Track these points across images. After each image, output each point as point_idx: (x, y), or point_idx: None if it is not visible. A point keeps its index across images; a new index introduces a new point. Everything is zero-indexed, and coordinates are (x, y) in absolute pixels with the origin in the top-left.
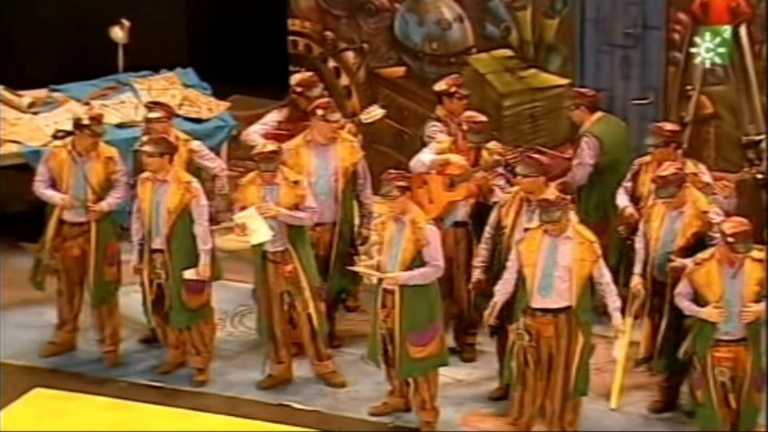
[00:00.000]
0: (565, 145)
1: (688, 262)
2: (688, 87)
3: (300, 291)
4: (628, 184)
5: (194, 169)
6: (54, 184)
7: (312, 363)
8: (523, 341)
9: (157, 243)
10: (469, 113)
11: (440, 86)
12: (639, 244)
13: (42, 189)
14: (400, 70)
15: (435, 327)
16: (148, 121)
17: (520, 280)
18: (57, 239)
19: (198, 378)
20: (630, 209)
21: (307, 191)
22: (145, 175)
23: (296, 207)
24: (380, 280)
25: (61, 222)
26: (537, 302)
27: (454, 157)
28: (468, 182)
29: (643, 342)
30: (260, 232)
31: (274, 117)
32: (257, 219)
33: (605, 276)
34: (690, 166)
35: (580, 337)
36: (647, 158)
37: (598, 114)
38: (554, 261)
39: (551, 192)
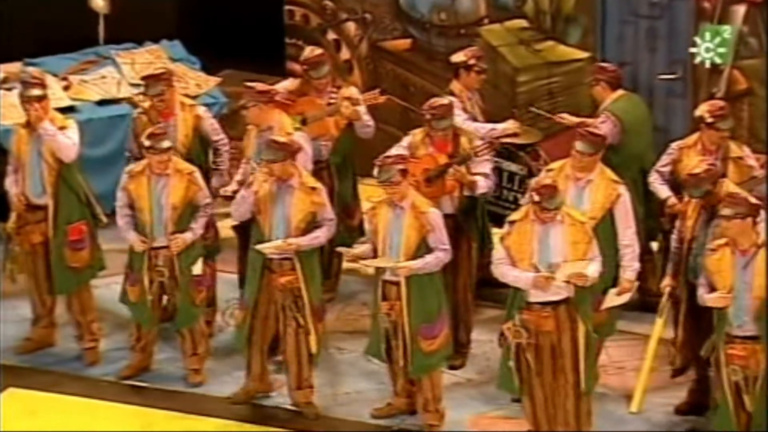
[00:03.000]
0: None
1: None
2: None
3: (299, 308)
4: (665, 169)
5: (200, 137)
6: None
7: (289, 388)
8: (522, 339)
9: (160, 241)
10: (430, 101)
11: (458, 57)
12: (674, 243)
13: (8, 178)
14: (405, 43)
15: (443, 318)
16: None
17: None
18: (20, 221)
19: (194, 379)
20: (673, 199)
21: (326, 199)
22: (137, 168)
23: (312, 216)
24: (378, 270)
25: (27, 204)
26: (535, 296)
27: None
28: (443, 177)
29: (677, 349)
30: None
31: (284, 85)
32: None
33: (598, 257)
34: (734, 149)
35: (581, 327)
36: (690, 140)
37: (620, 92)
38: (548, 249)
39: (607, 176)
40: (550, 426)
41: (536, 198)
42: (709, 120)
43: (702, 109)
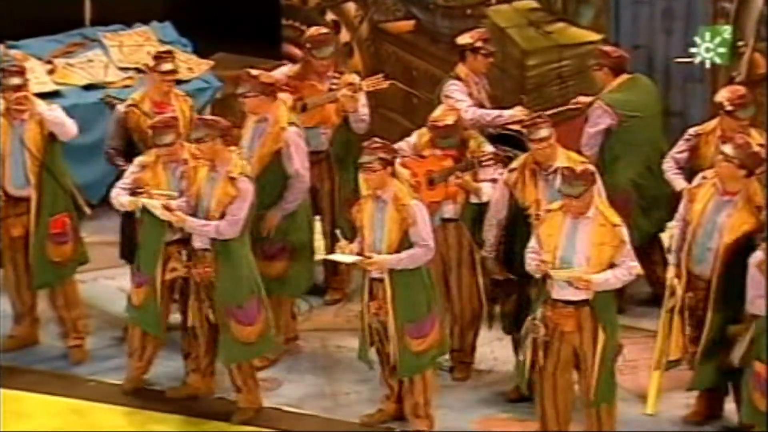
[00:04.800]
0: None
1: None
2: (740, 43)
3: (208, 303)
4: (681, 156)
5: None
6: None
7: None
8: (538, 334)
9: (178, 233)
10: (435, 113)
11: (464, 40)
12: (676, 229)
13: None
14: (408, 24)
15: (433, 315)
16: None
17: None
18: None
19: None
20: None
21: (242, 194)
22: (148, 158)
23: (225, 207)
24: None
25: (6, 195)
26: (558, 292)
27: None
28: (446, 182)
29: (673, 342)
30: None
31: (284, 71)
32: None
33: (626, 262)
34: (755, 136)
35: (601, 335)
36: (708, 126)
37: (622, 77)
38: (573, 246)
39: (573, 160)
40: (561, 428)
41: (559, 182)
42: (729, 108)
43: (722, 96)
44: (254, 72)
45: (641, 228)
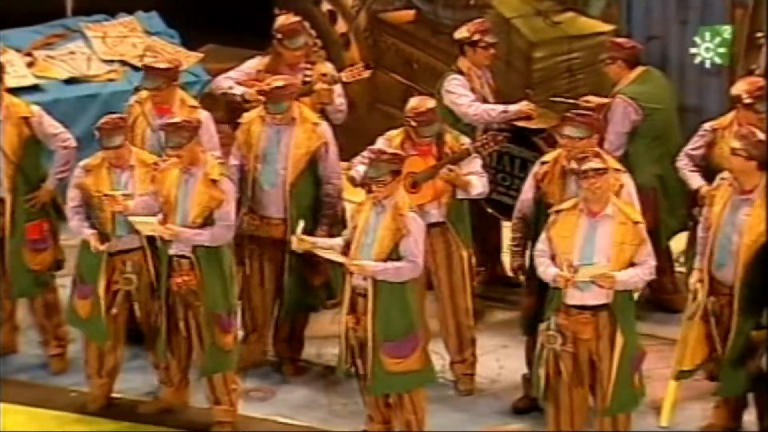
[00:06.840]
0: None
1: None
2: (759, 34)
3: (193, 313)
4: (696, 153)
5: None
6: None
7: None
8: (556, 345)
9: (126, 243)
10: (412, 103)
11: (461, 34)
12: (701, 232)
13: None
14: (408, 15)
15: (415, 337)
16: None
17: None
18: None
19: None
20: (705, 189)
21: (228, 197)
22: (93, 161)
23: (210, 212)
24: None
25: None
26: (573, 298)
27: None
28: (433, 180)
29: (689, 352)
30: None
31: (253, 64)
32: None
33: (648, 261)
34: None
35: (619, 338)
36: (724, 120)
37: (638, 70)
38: (593, 246)
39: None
40: None
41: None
42: (748, 100)
43: (740, 88)
44: (280, 83)
45: (669, 226)
